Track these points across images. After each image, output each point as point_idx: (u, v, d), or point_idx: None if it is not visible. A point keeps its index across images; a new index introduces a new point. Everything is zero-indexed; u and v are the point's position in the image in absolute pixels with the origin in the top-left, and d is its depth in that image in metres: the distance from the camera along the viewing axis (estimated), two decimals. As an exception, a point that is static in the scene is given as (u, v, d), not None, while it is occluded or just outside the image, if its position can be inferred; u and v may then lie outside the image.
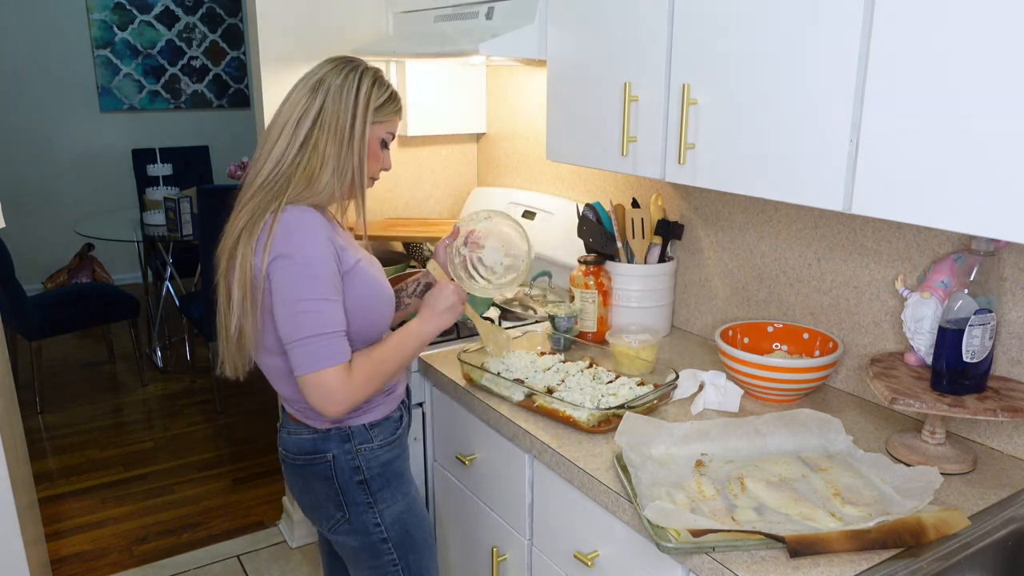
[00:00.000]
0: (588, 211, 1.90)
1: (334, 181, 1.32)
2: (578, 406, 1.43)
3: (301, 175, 1.30)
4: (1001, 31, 0.93)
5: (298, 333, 1.25)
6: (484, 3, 1.88)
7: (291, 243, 1.26)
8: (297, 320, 1.25)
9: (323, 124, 1.31)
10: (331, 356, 1.26)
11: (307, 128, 1.31)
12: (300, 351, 1.26)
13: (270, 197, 1.30)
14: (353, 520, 1.43)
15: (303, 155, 1.31)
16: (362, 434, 1.42)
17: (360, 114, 1.32)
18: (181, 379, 4.10)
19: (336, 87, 1.31)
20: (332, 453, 1.41)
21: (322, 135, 1.31)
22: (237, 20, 5.75)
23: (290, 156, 1.31)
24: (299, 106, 1.32)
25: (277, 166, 1.31)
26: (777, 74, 1.21)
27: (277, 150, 1.31)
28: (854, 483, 1.19)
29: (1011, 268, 1.32)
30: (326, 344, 1.26)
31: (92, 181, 5.45)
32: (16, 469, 1.84)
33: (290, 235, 1.26)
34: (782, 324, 1.65)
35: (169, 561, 2.60)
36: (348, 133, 1.32)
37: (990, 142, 0.96)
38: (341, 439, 1.41)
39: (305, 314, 1.25)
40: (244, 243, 1.28)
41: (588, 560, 1.34)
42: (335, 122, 1.31)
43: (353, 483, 1.42)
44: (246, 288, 1.28)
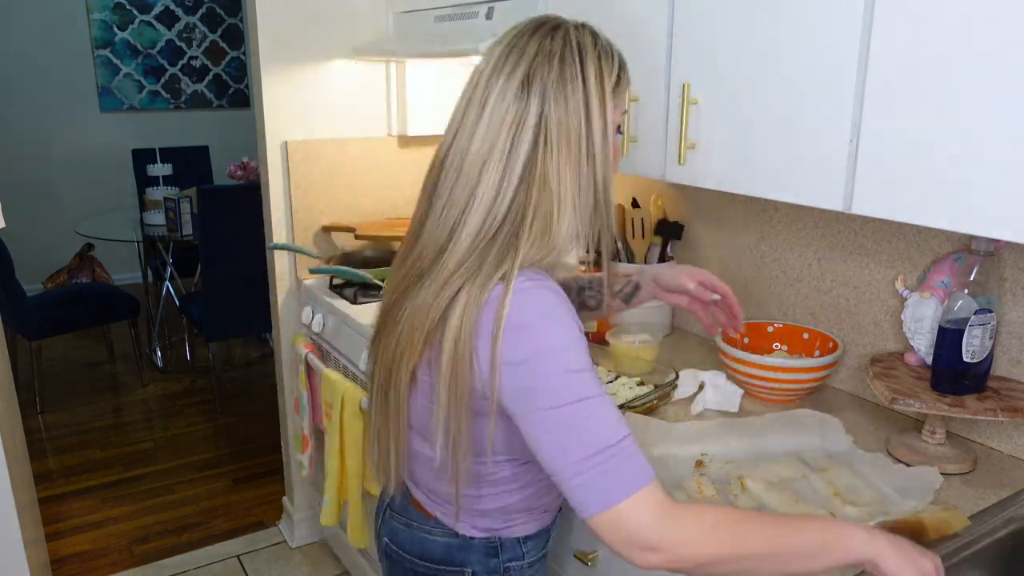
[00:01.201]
0: (588, 211, 1.90)
1: (576, 219, 0.93)
2: (578, 406, 1.43)
3: (536, 222, 0.91)
4: (1001, 31, 0.93)
5: (575, 458, 0.85)
6: (484, 3, 1.88)
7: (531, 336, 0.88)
8: (562, 443, 0.86)
9: (550, 141, 0.91)
10: (631, 476, 0.84)
11: (526, 150, 0.91)
12: (582, 481, 0.85)
13: (491, 259, 0.91)
14: None
15: (526, 190, 0.91)
16: (513, 548, 1.10)
17: (597, 112, 0.92)
18: (181, 379, 4.10)
19: (553, 80, 0.91)
20: (472, 569, 1.09)
21: (551, 157, 0.91)
22: (237, 20, 5.75)
23: (507, 195, 0.91)
24: (508, 120, 0.91)
25: (491, 212, 0.91)
26: (777, 74, 1.21)
27: (489, 190, 0.91)
28: (854, 483, 1.20)
29: (1011, 268, 1.32)
30: (618, 460, 0.85)
31: (92, 181, 5.45)
32: (16, 469, 1.84)
33: (527, 324, 0.88)
34: (782, 324, 1.65)
35: (169, 561, 2.60)
36: (586, 146, 0.92)
37: (990, 142, 0.96)
38: (486, 552, 1.09)
39: (578, 430, 0.85)
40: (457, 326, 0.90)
41: (588, 560, 1.34)
42: (565, 135, 0.91)
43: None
44: (456, 383, 0.91)
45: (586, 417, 0.86)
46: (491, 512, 1.08)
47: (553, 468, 0.87)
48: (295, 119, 2.34)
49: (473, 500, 1.06)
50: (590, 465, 0.85)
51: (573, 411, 0.86)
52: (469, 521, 1.08)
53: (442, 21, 2.05)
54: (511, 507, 1.08)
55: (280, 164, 2.36)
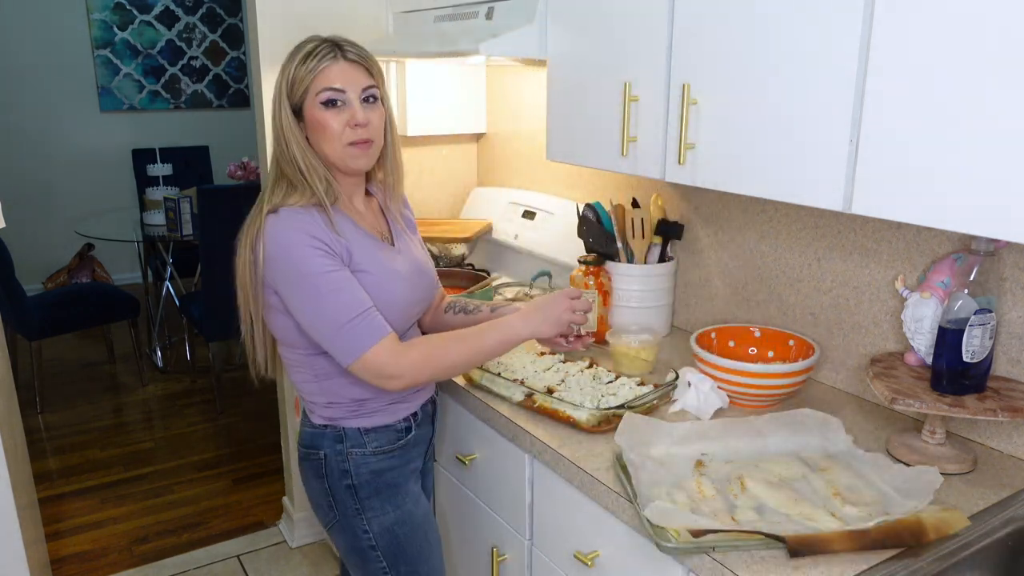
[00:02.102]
0: (588, 211, 1.90)
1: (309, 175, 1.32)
2: (578, 406, 1.43)
3: (287, 173, 1.33)
4: (1001, 31, 0.93)
5: (329, 329, 1.26)
6: (484, 3, 1.88)
7: (279, 250, 1.27)
8: (320, 319, 1.26)
9: (275, 127, 1.35)
10: (369, 335, 1.25)
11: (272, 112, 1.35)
12: (338, 343, 1.26)
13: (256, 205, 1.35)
14: (343, 522, 1.43)
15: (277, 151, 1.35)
16: (355, 437, 1.40)
17: (279, 106, 1.32)
18: (181, 379, 4.10)
19: (278, 78, 1.34)
20: (324, 451, 1.40)
21: (277, 128, 1.34)
22: (237, 20, 5.75)
23: (271, 153, 1.39)
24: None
25: (270, 165, 1.39)
26: (777, 74, 1.21)
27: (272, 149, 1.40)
28: (854, 483, 1.19)
29: (1011, 268, 1.32)
30: (360, 325, 1.25)
31: (92, 181, 5.45)
32: (16, 469, 1.84)
33: (276, 242, 1.27)
34: (769, 329, 1.63)
35: (169, 561, 2.60)
36: (277, 121, 1.33)
37: (990, 142, 0.96)
38: (334, 439, 1.40)
39: (325, 311, 1.25)
40: (240, 251, 1.33)
41: (588, 560, 1.34)
42: (275, 120, 1.34)
43: (341, 486, 1.41)
44: (249, 291, 1.33)
45: (321, 304, 1.25)
46: (330, 404, 1.39)
47: (317, 338, 1.27)
48: (295, 119, 2.34)
49: (311, 393, 1.39)
50: (344, 330, 1.24)
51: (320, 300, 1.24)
52: (318, 412, 1.41)
53: (442, 21, 2.05)
54: (341, 398, 1.38)
55: (280, 164, 2.36)
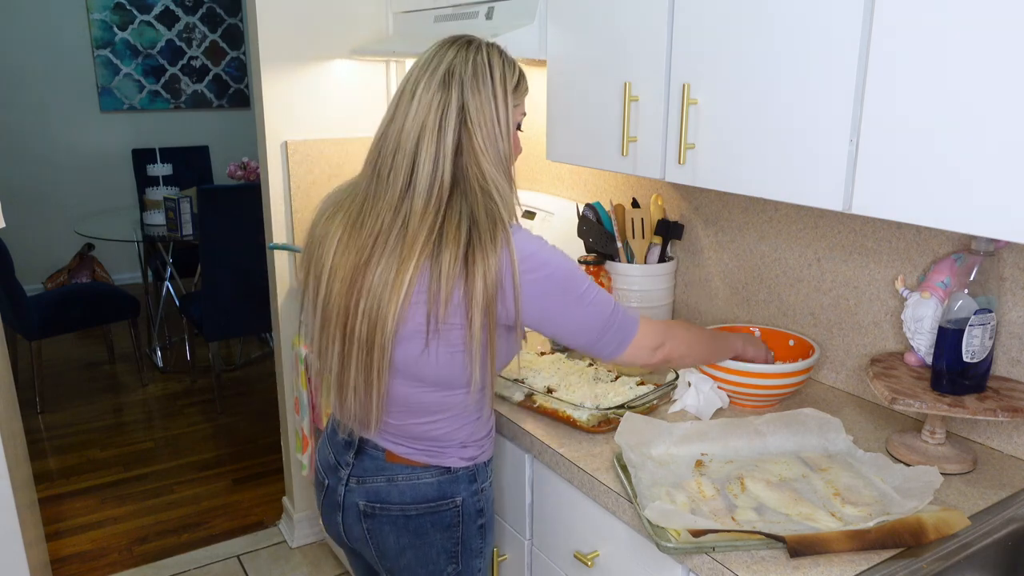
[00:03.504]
0: (588, 211, 1.90)
1: (507, 183, 1.18)
2: (578, 406, 1.43)
3: (492, 184, 1.15)
4: (1001, 31, 0.93)
5: (599, 325, 1.21)
6: (484, 3, 1.88)
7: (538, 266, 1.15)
8: (590, 317, 1.20)
9: (472, 123, 1.14)
10: (631, 319, 1.24)
11: (454, 130, 1.14)
12: (609, 336, 1.22)
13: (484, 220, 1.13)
14: (464, 570, 1.33)
15: (466, 163, 1.15)
16: (483, 472, 1.32)
17: (502, 102, 1.17)
18: (181, 379, 4.10)
19: (470, 76, 1.15)
20: (461, 497, 1.28)
21: (478, 135, 1.15)
22: (237, 20, 5.75)
23: (447, 167, 1.14)
24: (434, 106, 1.14)
25: (434, 180, 1.13)
26: (777, 74, 1.21)
27: (427, 163, 1.13)
28: (854, 483, 1.19)
29: (1011, 268, 1.32)
30: (620, 313, 1.23)
31: (92, 181, 5.45)
32: (16, 469, 1.84)
33: (531, 259, 1.15)
34: (769, 329, 1.63)
35: (169, 561, 2.60)
36: (500, 127, 1.17)
37: (990, 142, 0.96)
38: (469, 480, 1.29)
39: (592, 307, 1.19)
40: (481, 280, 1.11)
41: (588, 560, 1.34)
42: (483, 118, 1.15)
43: (474, 528, 1.32)
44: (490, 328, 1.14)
45: (593, 298, 1.20)
46: (472, 443, 1.30)
47: (585, 339, 1.22)
48: (295, 119, 2.35)
49: (450, 438, 1.27)
50: (611, 322, 1.21)
51: (586, 298, 1.19)
52: (457, 454, 1.28)
53: (442, 21, 2.05)
54: (479, 434, 1.31)
55: (280, 164, 2.36)
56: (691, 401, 1.48)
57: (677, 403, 1.50)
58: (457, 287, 1.11)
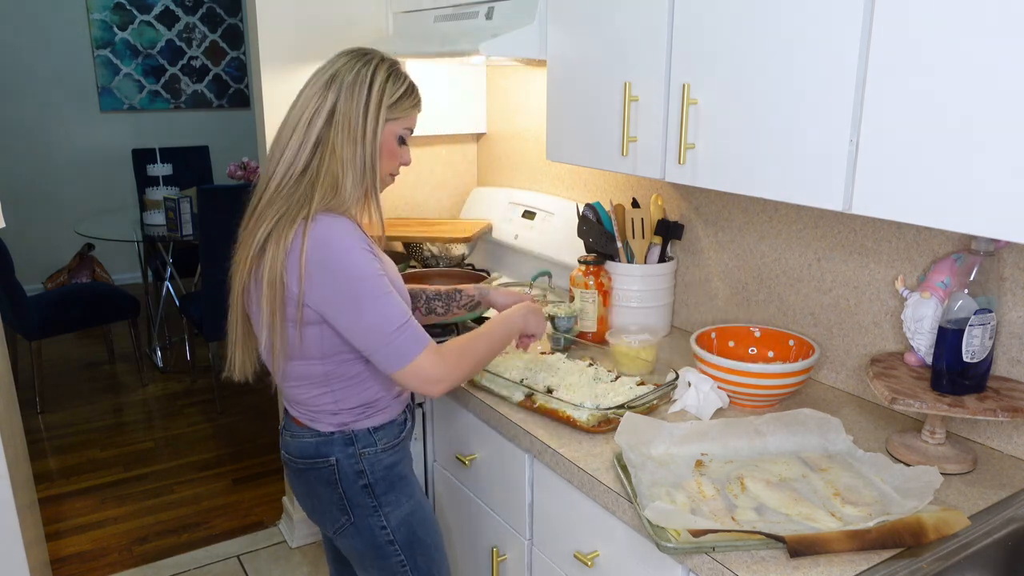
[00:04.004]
0: (588, 211, 1.90)
1: (356, 183, 1.29)
2: (578, 406, 1.43)
3: (326, 180, 1.26)
4: (1001, 32, 0.93)
5: (377, 336, 1.24)
6: (484, 3, 1.88)
7: (327, 255, 1.22)
8: (369, 326, 1.24)
9: (337, 124, 1.27)
10: (415, 343, 1.26)
11: (319, 128, 1.27)
12: (385, 352, 1.25)
13: (295, 205, 1.25)
14: (359, 523, 1.42)
15: (319, 157, 1.27)
16: (365, 438, 1.40)
17: (372, 112, 1.28)
18: (181, 379, 4.10)
19: (348, 83, 1.27)
20: (335, 457, 1.39)
21: (337, 136, 1.27)
22: (237, 20, 5.75)
23: (303, 158, 1.27)
24: (311, 104, 1.28)
25: (290, 168, 1.27)
26: (777, 74, 1.21)
27: (289, 151, 1.27)
28: (854, 483, 1.19)
29: (1011, 268, 1.32)
30: (405, 335, 1.25)
31: (92, 181, 5.45)
32: (16, 469, 1.84)
33: (326, 246, 1.22)
34: (769, 329, 1.63)
35: (169, 561, 2.60)
36: (361, 133, 1.27)
37: (990, 142, 0.96)
38: (344, 443, 1.39)
39: (375, 317, 1.23)
40: (271, 255, 1.24)
41: (588, 560, 1.34)
42: (347, 122, 1.26)
43: (357, 487, 1.40)
44: (275, 303, 1.25)
45: (377, 309, 1.24)
46: (339, 410, 1.38)
47: (362, 345, 1.26)
48: (295, 119, 2.34)
49: (318, 403, 1.38)
50: (391, 338, 1.25)
51: (371, 304, 1.23)
52: (327, 420, 1.39)
53: (442, 21, 2.05)
54: (350, 404, 1.38)
55: (280, 164, 2.36)
56: (691, 401, 1.48)
57: (677, 403, 1.50)
58: (256, 263, 1.26)
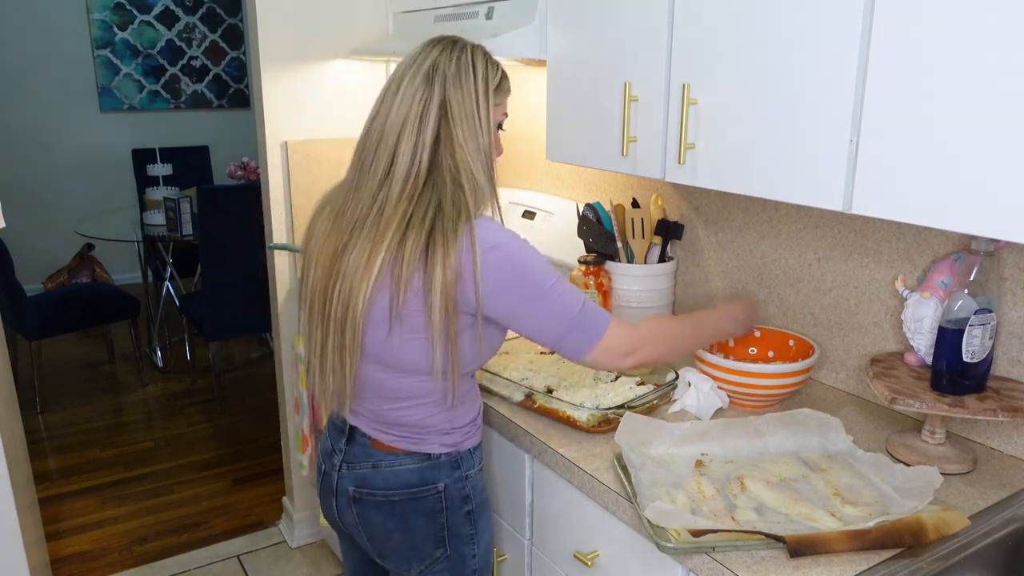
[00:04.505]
0: (588, 211, 1.90)
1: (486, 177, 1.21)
2: (578, 406, 1.43)
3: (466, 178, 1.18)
4: (1000, 32, 0.93)
5: (564, 323, 1.19)
6: (484, 3, 1.88)
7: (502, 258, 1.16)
8: (555, 315, 1.19)
9: (453, 117, 1.18)
10: (601, 318, 1.21)
11: (434, 123, 1.18)
12: (575, 336, 1.20)
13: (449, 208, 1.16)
14: (454, 556, 1.34)
15: (444, 154, 1.19)
16: (469, 459, 1.33)
17: (483, 99, 1.21)
18: (181, 379, 4.10)
19: (453, 73, 1.19)
20: (443, 483, 1.30)
21: (457, 129, 1.19)
22: (237, 20, 5.75)
23: (425, 157, 1.18)
24: (417, 99, 1.18)
25: (411, 169, 1.18)
26: (777, 74, 1.21)
27: (406, 153, 1.18)
28: (854, 483, 1.19)
29: (1011, 268, 1.32)
30: (588, 313, 1.20)
31: (92, 181, 5.45)
32: (16, 469, 1.84)
33: (495, 250, 1.16)
34: (770, 330, 1.63)
35: (169, 561, 2.60)
36: (480, 122, 1.20)
37: (990, 142, 0.96)
38: (452, 466, 1.31)
39: (558, 305, 1.18)
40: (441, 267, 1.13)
41: (588, 560, 1.34)
42: (464, 113, 1.19)
43: (461, 514, 1.33)
44: (449, 315, 1.16)
45: (558, 296, 1.19)
46: (452, 430, 1.31)
47: (550, 337, 1.21)
48: (295, 119, 2.35)
49: (430, 424, 1.29)
50: (576, 322, 1.20)
51: (552, 293, 1.18)
52: (437, 441, 1.30)
53: (442, 21, 2.05)
54: (463, 422, 1.32)
55: (280, 164, 2.36)
56: (691, 401, 1.48)
57: (677, 403, 1.50)
58: (417, 272, 1.15)
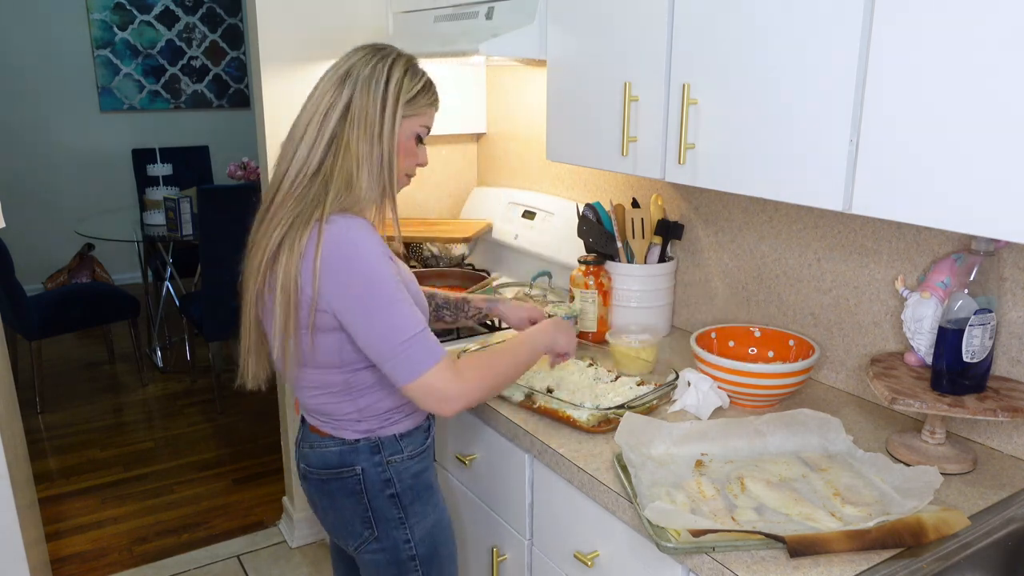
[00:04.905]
0: (588, 211, 1.90)
1: (372, 182, 1.23)
2: (578, 406, 1.43)
3: (339, 178, 1.21)
4: (1000, 32, 0.93)
5: (388, 346, 1.18)
6: (484, 3, 1.88)
7: (344, 257, 1.17)
8: (381, 334, 1.18)
9: (352, 119, 1.22)
10: (428, 356, 1.19)
11: (334, 124, 1.22)
12: (395, 363, 1.19)
13: (308, 205, 1.20)
14: (382, 537, 1.36)
15: (333, 154, 1.22)
16: (392, 445, 1.35)
17: (390, 107, 1.23)
18: (181, 379, 4.10)
19: (364, 78, 1.22)
20: (361, 466, 1.33)
21: (352, 131, 1.21)
22: (237, 20, 5.75)
23: (317, 155, 1.22)
24: (325, 100, 1.23)
25: (304, 167, 1.22)
26: (777, 74, 1.21)
27: (303, 149, 1.22)
28: (854, 483, 1.19)
29: (1011, 268, 1.32)
30: (418, 345, 1.19)
31: (92, 181, 5.45)
32: (16, 469, 1.84)
33: (341, 248, 1.17)
34: (770, 330, 1.63)
35: (169, 561, 2.60)
36: (378, 129, 1.22)
37: (990, 142, 0.96)
38: (370, 451, 1.33)
39: (386, 324, 1.18)
40: (286, 259, 1.19)
41: (588, 560, 1.34)
42: (364, 117, 1.22)
43: (384, 497, 1.35)
44: (290, 308, 1.20)
45: (396, 312, 1.18)
46: (363, 417, 1.33)
47: (374, 354, 1.20)
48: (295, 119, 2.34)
49: (340, 411, 1.32)
50: (401, 349, 1.18)
51: (384, 310, 1.18)
52: (351, 427, 1.34)
53: (442, 21, 2.05)
54: (377, 411, 1.33)
55: (280, 164, 2.36)
56: (691, 401, 1.48)
57: (677, 403, 1.50)
58: (271, 267, 1.21)
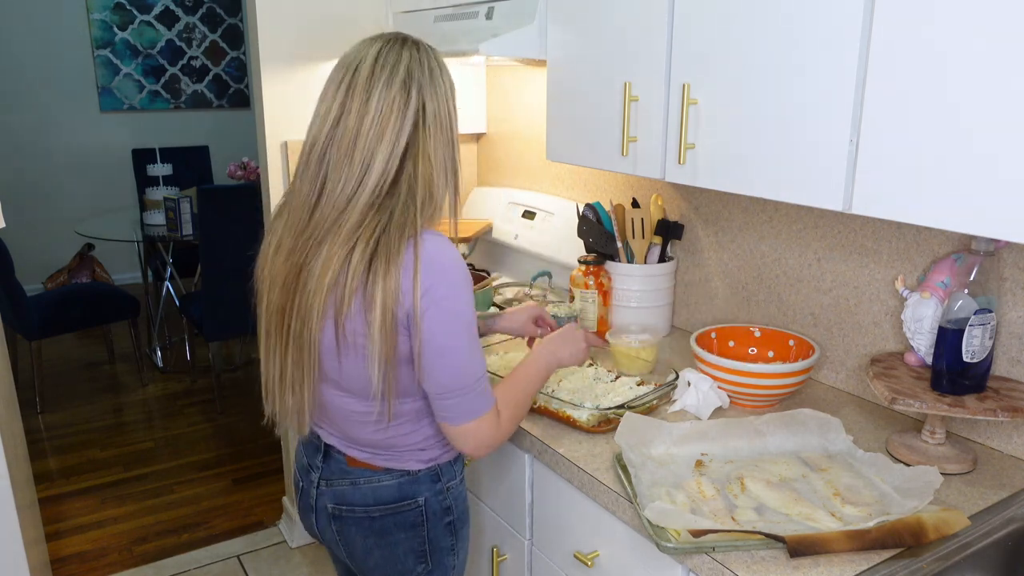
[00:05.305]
0: (588, 211, 1.90)
1: (445, 187, 1.17)
2: (578, 406, 1.43)
3: (422, 187, 1.13)
4: (1000, 32, 0.93)
5: (458, 383, 1.14)
6: (484, 3, 1.88)
7: (443, 281, 1.10)
8: (457, 368, 1.14)
9: (428, 125, 1.14)
10: (486, 403, 1.18)
11: (409, 132, 1.13)
12: (456, 402, 1.15)
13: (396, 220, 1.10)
14: (435, 569, 1.32)
15: (409, 163, 1.13)
16: (448, 471, 1.31)
17: (452, 104, 1.19)
18: (181, 379, 4.10)
19: (427, 80, 1.14)
20: (423, 496, 1.27)
21: (429, 138, 1.14)
22: (237, 20, 5.75)
23: (394, 166, 1.12)
24: (395, 108, 1.12)
25: (381, 178, 1.11)
26: (777, 74, 1.21)
27: (380, 160, 1.11)
28: (854, 483, 1.19)
29: (1011, 268, 1.32)
30: (481, 392, 1.17)
31: (92, 181, 5.45)
32: (16, 469, 1.84)
33: (439, 271, 1.10)
34: (770, 329, 1.63)
35: (169, 561, 2.60)
36: (450, 130, 1.17)
37: (990, 142, 0.96)
38: (431, 479, 1.28)
39: (466, 360, 1.14)
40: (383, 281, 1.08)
41: (588, 560, 1.34)
42: (438, 121, 1.15)
43: (442, 527, 1.31)
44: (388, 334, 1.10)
45: (469, 355, 1.15)
46: (428, 445, 1.27)
47: (435, 386, 1.15)
48: (295, 119, 2.34)
49: (407, 443, 1.25)
50: (470, 389, 1.15)
51: (468, 346, 1.14)
52: (414, 457, 1.27)
53: (442, 21, 2.05)
54: (438, 437, 1.27)
55: (280, 164, 2.36)
56: (691, 401, 1.48)
57: (677, 403, 1.50)
58: (359, 290, 1.09)
